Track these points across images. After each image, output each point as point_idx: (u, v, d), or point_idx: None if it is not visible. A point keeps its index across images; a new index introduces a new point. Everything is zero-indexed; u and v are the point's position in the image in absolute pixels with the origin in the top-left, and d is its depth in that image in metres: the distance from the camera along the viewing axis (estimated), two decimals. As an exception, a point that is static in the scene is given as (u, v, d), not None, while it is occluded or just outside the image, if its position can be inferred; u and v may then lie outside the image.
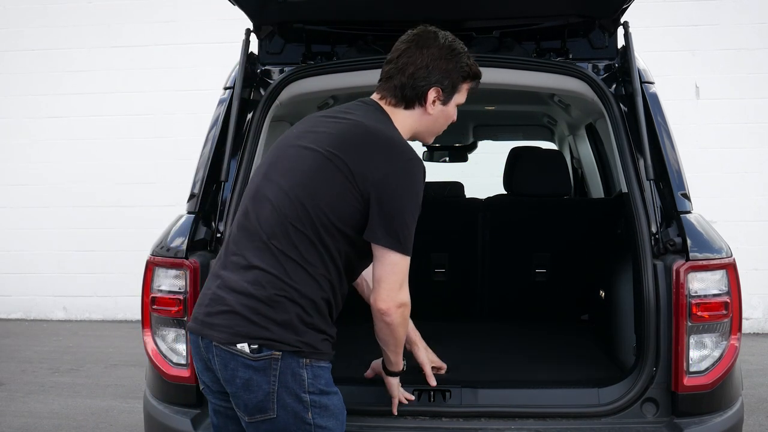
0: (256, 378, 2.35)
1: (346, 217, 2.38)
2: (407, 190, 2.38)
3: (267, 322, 2.34)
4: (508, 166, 4.04)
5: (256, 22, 3.46)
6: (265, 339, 2.33)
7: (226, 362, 2.37)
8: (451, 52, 2.55)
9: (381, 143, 2.42)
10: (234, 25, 4.30)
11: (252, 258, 2.39)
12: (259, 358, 2.34)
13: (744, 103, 9.09)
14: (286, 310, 2.34)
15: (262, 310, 2.34)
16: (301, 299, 2.35)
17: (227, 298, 2.39)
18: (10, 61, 10.05)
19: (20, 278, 10.09)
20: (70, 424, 5.56)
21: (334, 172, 2.38)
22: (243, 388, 2.36)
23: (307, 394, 2.37)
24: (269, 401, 2.35)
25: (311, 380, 2.37)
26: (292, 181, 2.42)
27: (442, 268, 3.86)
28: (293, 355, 2.35)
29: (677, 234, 2.94)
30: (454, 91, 2.58)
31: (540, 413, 2.91)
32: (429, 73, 2.52)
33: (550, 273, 3.81)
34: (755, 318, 9.05)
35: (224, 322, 2.37)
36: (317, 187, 2.39)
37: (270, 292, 2.34)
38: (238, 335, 2.35)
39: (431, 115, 2.57)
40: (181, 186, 4.62)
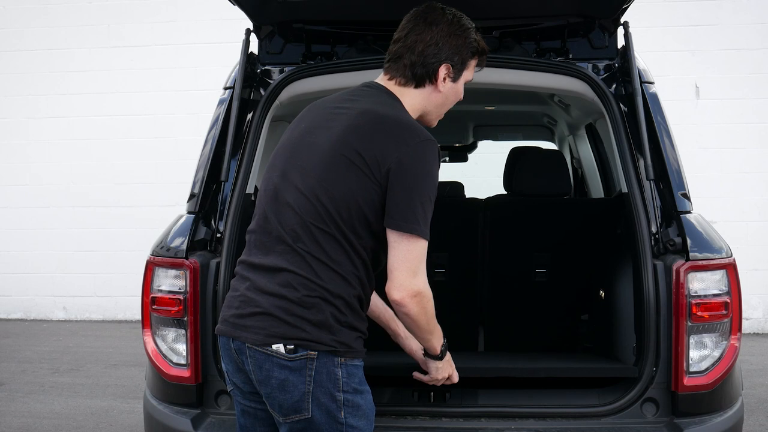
0: (292, 378, 2.33)
1: (367, 210, 2.35)
2: (421, 172, 2.34)
3: (302, 323, 2.32)
4: (508, 166, 4.04)
5: (256, 22, 3.46)
6: (300, 339, 2.32)
7: (260, 363, 2.36)
8: (459, 28, 2.51)
9: (391, 127, 2.38)
10: (234, 25, 4.31)
11: (280, 261, 2.37)
12: (294, 359, 2.32)
13: (744, 103, 9.10)
14: (321, 311, 2.33)
15: (296, 311, 2.33)
16: (334, 299, 2.34)
17: (259, 300, 2.37)
18: (10, 61, 10.06)
19: (20, 278, 10.09)
20: (70, 424, 5.57)
21: (349, 166, 2.35)
22: (278, 388, 2.35)
23: (341, 393, 2.35)
24: (305, 401, 2.34)
25: (346, 379, 2.36)
26: (309, 182, 2.39)
27: (442, 268, 3.86)
28: (329, 354, 2.33)
29: (677, 234, 2.94)
30: (463, 67, 2.55)
31: (540, 413, 2.91)
32: (439, 49, 2.48)
33: (550, 273, 3.80)
34: (755, 318, 9.06)
35: (258, 323, 2.35)
36: (334, 184, 2.36)
37: (302, 293, 2.33)
38: (274, 336, 2.33)
39: (441, 92, 2.53)
40: (181, 186, 4.63)
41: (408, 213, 2.33)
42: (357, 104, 2.47)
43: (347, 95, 2.56)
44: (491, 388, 3.02)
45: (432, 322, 2.54)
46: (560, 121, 5.49)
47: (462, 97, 2.62)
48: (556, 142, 6.07)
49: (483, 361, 3.67)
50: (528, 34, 3.51)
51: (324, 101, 2.60)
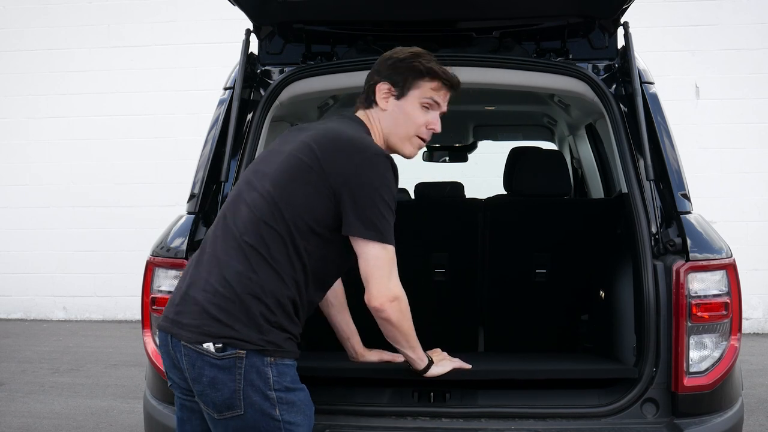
0: (221, 376, 2.39)
1: (319, 217, 2.45)
2: (376, 180, 2.44)
3: (232, 321, 2.39)
4: (508, 166, 4.04)
5: (256, 22, 3.46)
6: (229, 338, 2.38)
7: (193, 361, 2.42)
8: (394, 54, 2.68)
9: (345, 142, 2.51)
10: (234, 25, 4.31)
11: (222, 255, 2.46)
12: (223, 357, 2.39)
13: (744, 103, 9.10)
14: (251, 309, 2.39)
15: (228, 307, 2.40)
16: (266, 297, 2.40)
17: (196, 296, 2.44)
18: (10, 61, 10.06)
19: (20, 278, 10.09)
20: (70, 424, 5.57)
21: (304, 171, 2.47)
22: (209, 386, 2.41)
23: (273, 392, 2.42)
24: (236, 398, 2.40)
25: (276, 378, 2.42)
26: (266, 182, 2.50)
27: (442, 268, 3.86)
28: (257, 353, 2.39)
29: (677, 234, 2.94)
30: (407, 85, 2.64)
31: (540, 413, 2.90)
32: (375, 72, 2.68)
33: (550, 273, 3.80)
34: (755, 318, 9.06)
35: (192, 321, 2.43)
36: (291, 187, 2.46)
37: (237, 289, 2.40)
38: (204, 334, 2.40)
39: (386, 111, 2.65)
40: (181, 186, 4.63)
41: (367, 220, 2.43)
42: (323, 124, 2.69)
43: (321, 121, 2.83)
44: (491, 389, 3.02)
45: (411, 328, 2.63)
46: (560, 121, 5.49)
47: (421, 121, 2.66)
48: (556, 142, 6.07)
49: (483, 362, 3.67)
50: (528, 35, 3.51)
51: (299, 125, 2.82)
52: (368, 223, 2.43)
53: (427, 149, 6.28)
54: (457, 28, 3.52)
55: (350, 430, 2.87)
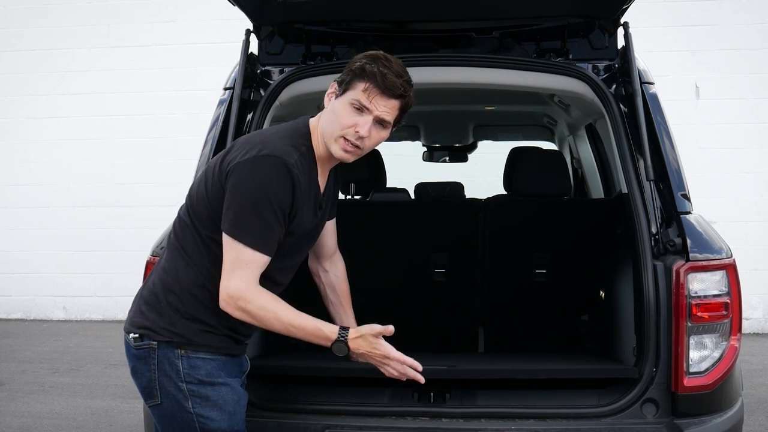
0: (139, 366, 2.54)
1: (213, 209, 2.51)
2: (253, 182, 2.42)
3: (149, 311, 2.53)
4: (508, 166, 4.04)
5: (256, 22, 3.46)
6: (144, 328, 2.52)
7: (125, 350, 2.61)
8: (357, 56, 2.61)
9: (243, 141, 2.57)
10: (234, 25, 4.31)
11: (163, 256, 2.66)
12: (139, 347, 2.53)
13: (744, 103, 9.10)
14: (163, 300, 2.51)
15: (149, 300, 2.55)
16: (177, 287, 2.51)
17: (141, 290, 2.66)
18: (10, 61, 10.06)
19: (20, 278, 10.09)
20: (70, 424, 5.57)
21: (215, 171, 2.53)
22: (132, 374, 2.58)
23: (185, 384, 2.48)
24: (153, 388, 2.52)
25: (187, 370, 2.48)
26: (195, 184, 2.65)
27: (442, 268, 3.86)
28: (167, 345, 2.49)
29: (677, 234, 2.94)
30: (347, 87, 2.54)
31: (540, 414, 2.90)
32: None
33: (550, 273, 3.80)
34: (755, 318, 9.06)
35: (129, 314, 2.64)
36: (201, 184, 2.57)
37: (158, 284, 2.55)
38: (131, 325, 2.57)
39: (326, 109, 2.60)
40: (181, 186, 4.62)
41: (233, 214, 2.44)
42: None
43: None
44: (491, 389, 3.02)
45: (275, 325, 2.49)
46: (560, 121, 5.48)
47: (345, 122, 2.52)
48: (556, 142, 6.07)
49: (483, 362, 3.67)
50: (528, 35, 3.51)
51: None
52: (230, 218, 2.44)
53: (427, 149, 6.28)
54: (457, 28, 3.52)
55: (350, 430, 2.87)
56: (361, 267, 3.08)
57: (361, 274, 2.92)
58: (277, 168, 2.43)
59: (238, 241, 2.43)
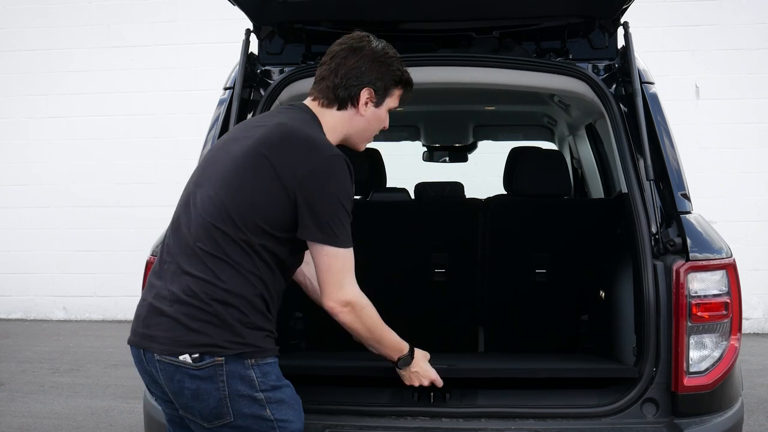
0: (204, 387, 2.34)
1: (270, 216, 2.38)
2: (333, 184, 2.39)
3: (205, 328, 2.33)
4: (508, 166, 4.04)
5: (256, 22, 3.46)
6: (205, 345, 2.33)
7: (171, 375, 2.37)
8: (383, 56, 2.59)
9: (301, 142, 2.44)
10: (234, 25, 4.30)
11: (184, 264, 2.40)
12: (202, 367, 2.33)
13: (744, 103, 9.10)
14: (222, 313, 2.34)
15: (198, 315, 2.34)
16: (235, 299, 2.35)
17: (163, 308, 2.38)
18: (10, 61, 10.06)
19: (20, 278, 10.09)
20: (70, 424, 5.57)
21: (257, 172, 2.40)
22: (193, 398, 2.36)
23: (261, 393, 2.38)
24: (223, 406, 2.36)
25: (261, 378, 2.38)
26: (217, 186, 2.44)
27: (442, 269, 3.86)
28: (236, 357, 2.34)
29: (677, 234, 2.94)
30: (386, 94, 2.61)
31: (540, 413, 2.90)
32: (362, 74, 2.56)
33: (550, 273, 3.80)
34: (755, 318, 9.06)
35: (164, 333, 2.36)
36: (240, 187, 2.40)
37: (203, 297, 2.34)
38: (179, 345, 2.34)
39: (363, 116, 2.60)
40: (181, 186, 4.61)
41: (322, 224, 2.38)
42: (275, 119, 2.55)
43: (272, 112, 2.69)
44: (491, 389, 3.02)
45: (377, 332, 2.59)
46: (560, 121, 5.49)
47: (386, 125, 2.67)
48: (556, 142, 6.07)
49: (483, 361, 3.67)
50: (528, 35, 3.51)
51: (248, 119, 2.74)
52: (323, 227, 2.38)
53: (427, 149, 6.29)
54: (457, 28, 3.52)
55: (350, 429, 2.87)
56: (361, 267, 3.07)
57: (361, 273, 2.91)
58: (348, 166, 2.44)
59: (342, 247, 2.41)
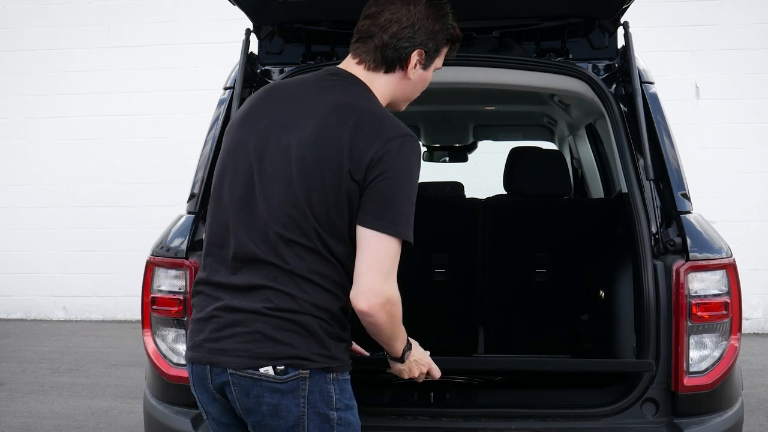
0: (285, 402, 2.13)
1: (347, 215, 2.14)
2: (402, 168, 2.14)
3: (291, 339, 2.12)
4: (508, 166, 4.04)
5: (256, 22, 3.46)
6: (291, 357, 2.12)
7: (247, 390, 2.15)
8: (438, 11, 2.31)
9: (369, 123, 2.15)
10: (234, 25, 4.30)
11: (256, 279, 2.16)
12: (286, 380, 2.12)
13: (744, 103, 9.09)
14: (308, 325, 2.13)
15: (283, 326, 2.13)
16: (321, 312, 2.15)
17: (238, 318, 2.16)
18: (10, 61, 10.06)
19: (20, 278, 10.09)
20: (70, 424, 5.57)
21: (326, 170, 2.13)
22: (270, 415, 2.15)
23: (335, 411, 2.17)
24: (299, 426, 2.15)
25: (338, 395, 2.18)
26: (283, 190, 2.16)
27: (442, 268, 3.86)
28: (321, 371, 2.15)
29: (677, 234, 2.94)
30: (436, 54, 2.35)
31: (540, 413, 2.91)
32: (414, 33, 2.26)
33: (550, 273, 3.81)
34: (755, 318, 9.05)
35: (239, 345, 2.14)
36: (312, 192, 2.14)
37: (286, 309, 2.13)
38: (261, 357, 2.13)
39: (410, 79, 2.32)
40: (181, 186, 4.63)
41: (385, 210, 2.12)
42: (327, 97, 2.23)
43: (313, 85, 2.31)
44: (491, 388, 3.02)
45: (398, 329, 2.30)
46: (560, 121, 5.49)
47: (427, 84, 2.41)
48: (556, 142, 6.07)
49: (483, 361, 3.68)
50: (528, 35, 3.51)
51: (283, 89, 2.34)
52: (384, 214, 2.12)
53: (427, 149, 6.29)
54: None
55: (350, 429, 2.87)
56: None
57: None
58: (418, 149, 2.19)
59: (395, 236, 2.12)
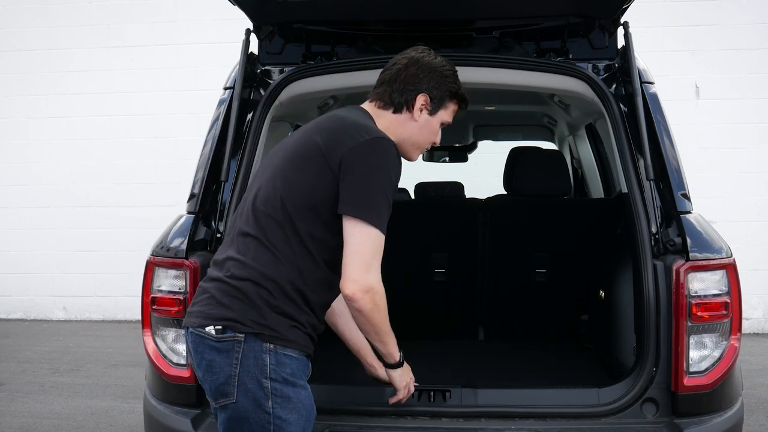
0: (219, 360, 2.37)
1: (320, 196, 2.39)
2: (375, 162, 2.38)
3: (232, 303, 2.38)
4: (508, 166, 4.04)
5: (256, 22, 3.46)
6: (228, 320, 2.37)
7: (196, 346, 2.43)
8: (441, 68, 2.64)
9: (350, 126, 2.47)
10: (234, 25, 4.30)
11: (230, 251, 2.47)
12: (222, 339, 2.37)
13: (744, 103, 9.09)
14: (250, 292, 2.37)
15: (229, 291, 2.39)
16: (266, 281, 2.37)
17: (206, 286, 2.48)
18: (10, 61, 10.06)
19: (20, 278, 10.09)
20: (70, 424, 5.57)
21: (308, 157, 2.43)
22: (207, 370, 2.40)
23: (269, 381, 2.35)
24: (230, 384, 2.36)
25: (273, 366, 2.36)
26: (272, 173, 2.50)
27: (442, 268, 3.87)
28: (256, 337, 2.35)
29: (677, 234, 2.94)
30: (441, 104, 2.64)
31: (540, 413, 2.91)
32: (419, 80, 2.60)
33: (550, 273, 3.81)
34: (755, 318, 9.05)
35: (199, 308, 2.45)
36: (292, 173, 2.44)
37: (237, 275, 2.39)
38: (207, 317, 2.40)
39: (417, 122, 2.62)
40: (181, 186, 4.63)
41: (360, 200, 2.35)
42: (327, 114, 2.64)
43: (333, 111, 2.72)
44: (491, 388, 3.03)
45: (387, 324, 2.52)
46: (560, 121, 5.49)
47: (438, 140, 2.70)
48: (556, 142, 6.08)
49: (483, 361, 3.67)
50: (528, 34, 3.51)
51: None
52: (359, 203, 2.34)
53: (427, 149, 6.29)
54: (457, 28, 3.52)
55: (350, 429, 2.87)
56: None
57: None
58: (392, 150, 2.43)
59: (375, 226, 2.34)
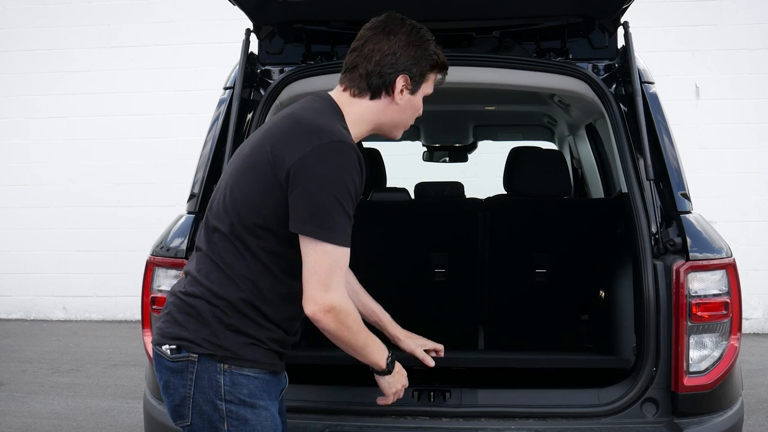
0: (173, 380, 2.29)
1: (268, 212, 2.23)
2: (325, 171, 2.17)
3: (187, 321, 2.28)
4: (508, 166, 4.04)
5: (256, 22, 3.46)
6: (182, 339, 2.28)
7: (156, 364, 2.36)
8: (419, 39, 2.40)
9: (301, 128, 2.25)
10: (234, 25, 4.31)
11: (191, 264, 2.40)
12: (177, 360, 2.28)
13: (744, 103, 9.10)
14: (203, 310, 2.26)
15: (183, 309, 2.30)
16: (217, 300, 2.26)
17: (168, 300, 2.40)
18: (10, 61, 10.06)
19: (20, 278, 10.09)
20: (70, 424, 5.57)
21: (258, 167, 2.26)
22: (164, 390, 2.33)
23: (223, 402, 2.25)
24: (185, 406, 2.28)
25: (228, 387, 2.25)
26: (223, 185, 2.36)
27: (442, 268, 3.86)
28: (210, 358, 2.25)
29: (677, 234, 2.94)
30: (422, 80, 2.42)
31: (540, 413, 2.91)
32: (397, 59, 2.36)
33: (550, 273, 3.81)
34: (755, 318, 9.06)
35: (159, 324, 2.38)
36: (241, 185, 2.28)
37: (191, 292, 2.30)
38: (163, 335, 2.33)
39: (399, 105, 2.40)
40: (181, 186, 4.63)
41: (310, 215, 2.17)
42: (289, 110, 2.40)
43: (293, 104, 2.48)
44: (491, 388, 3.03)
45: (360, 338, 2.34)
46: (560, 121, 5.49)
47: (421, 112, 2.49)
48: (556, 142, 6.07)
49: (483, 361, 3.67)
50: (528, 34, 3.51)
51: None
52: (311, 218, 2.16)
53: (427, 149, 6.29)
54: (457, 28, 3.52)
55: (350, 429, 2.87)
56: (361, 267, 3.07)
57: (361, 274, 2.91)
58: (348, 154, 2.20)
59: (329, 242, 2.16)
